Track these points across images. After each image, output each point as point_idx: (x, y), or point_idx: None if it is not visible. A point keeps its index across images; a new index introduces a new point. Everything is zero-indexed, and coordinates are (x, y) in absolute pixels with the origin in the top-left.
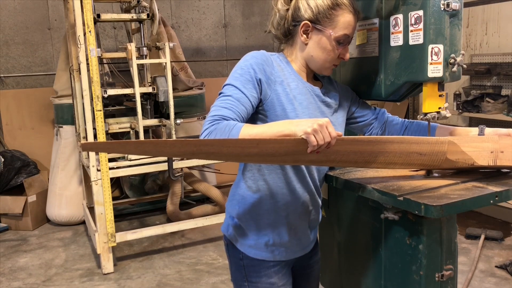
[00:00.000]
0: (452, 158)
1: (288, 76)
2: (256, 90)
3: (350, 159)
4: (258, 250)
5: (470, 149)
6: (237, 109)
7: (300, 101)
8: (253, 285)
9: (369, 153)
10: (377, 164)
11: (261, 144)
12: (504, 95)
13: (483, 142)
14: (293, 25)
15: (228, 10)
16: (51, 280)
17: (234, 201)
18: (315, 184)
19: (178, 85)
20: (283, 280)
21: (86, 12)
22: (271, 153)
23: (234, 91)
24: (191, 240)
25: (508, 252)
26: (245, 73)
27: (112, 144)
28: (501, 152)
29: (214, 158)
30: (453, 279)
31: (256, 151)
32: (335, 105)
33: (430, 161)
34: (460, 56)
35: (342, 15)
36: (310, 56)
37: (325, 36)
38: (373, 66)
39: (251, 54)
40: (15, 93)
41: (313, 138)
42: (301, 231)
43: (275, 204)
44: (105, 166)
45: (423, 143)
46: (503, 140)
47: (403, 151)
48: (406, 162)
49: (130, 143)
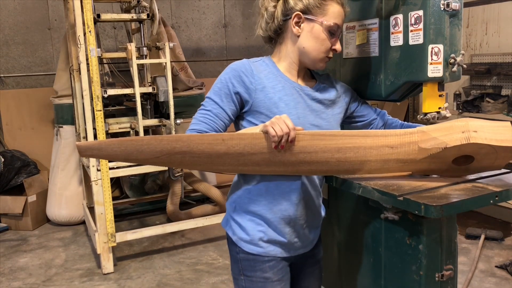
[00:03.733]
0: (425, 146)
1: (272, 79)
2: (235, 103)
3: (321, 159)
4: (253, 245)
5: (441, 134)
6: (215, 124)
7: (286, 102)
8: (248, 279)
9: (337, 150)
10: (351, 164)
11: (226, 140)
12: (504, 95)
13: (452, 126)
14: (283, 20)
15: (228, 10)
16: (51, 280)
17: (232, 197)
18: (312, 183)
19: (178, 85)
20: (278, 275)
21: (86, 12)
22: (238, 151)
23: (213, 106)
24: (191, 240)
25: (508, 252)
26: (224, 87)
27: (100, 143)
28: (474, 132)
29: (190, 161)
30: (453, 279)
31: (224, 148)
32: (329, 101)
33: (405, 154)
34: (460, 56)
35: (331, 5)
36: (302, 48)
37: (317, 24)
38: (373, 66)
39: (232, 66)
40: (15, 93)
41: (271, 129)
42: (298, 230)
43: (270, 202)
44: (105, 166)
45: (390, 135)
46: (475, 122)
47: (372, 145)
48: (379, 158)
49: (114, 142)
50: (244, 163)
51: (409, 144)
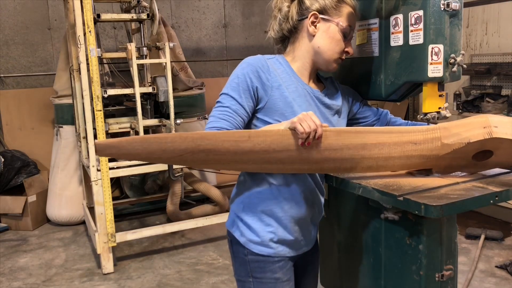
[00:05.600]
0: (448, 141)
1: (287, 79)
2: (253, 99)
3: (346, 156)
4: (263, 246)
5: (462, 130)
6: (235, 120)
7: (299, 104)
8: (258, 281)
9: (362, 147)
10: (375, 160)
11: (252, 136)
12: (504, 95)
13: (473, 122)
14: (298, 20)
15: (228, 10)
16: (51, 280)
17: (239, 197)
18: (316, 181)
19: (178, 85)
20: (287, 275)
21: (86, 12)
22: (264, 149)
23: (231, 102)
24: (191, 240)
25: (508, 252)
26: (242, 82)
27: (121, 141)
28: (495, 127)
29: (214, 160)
30: (453, 279)
31: (250, 145)
32: (337, 107)
33: (428, 150)
34: (460, 56)
35: (345, 7)
36: (318, 47)
37: (333, 25)
38: (373, 66)
39: (248, 61)
40: (15, 93)
41: (299, 126)
42: (305, 228)
43: (281, 201)
44: (105, 166)
45: (414, 132)
46: (493, 118)
47: (396, 142)
48: (403, 154)
49: (136, 140)
50: (268, 161)
51: (432, 140)
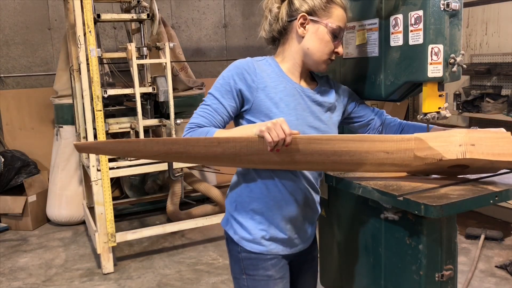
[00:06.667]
0: (421, 155)
1: (275, 79)
2: (235, 100)
3: (317, 160)
4: (255, 243)
5: (438, 144)
6: (213, 118)
7: (287, 103)
8: (251, 278)
9: (332, 153)
10: (347, 165)
11: (222, 143)
12: (504, 95)
13: (450, 136)
14: (288, 21)
15: (228, 10)
16: (51, 280)
17: (232, 196)
18: (308, 181)
19: (178, 85)
20: (280, 273)
21: (86, 12)
22: (234, 152)
23: (213, 101)
24: (191, 240)
25: (508, 252)
26: (225, 84)
27: (98, 143)
28: (472, 145)
29: (187, 160)
30: (453, 279)
31: (220, 150)
32: (329, 104)
33: (400, 160)
34: (460, 56)
35: (335, 8)
36: (307, 49)
37: (322, 26)
38: (373, 66)
39: (236, 63)
40: (15, 93)
41: (267, 135)
42: (299, 226)
43: (271, 200)
44: (105, 166)
45: (387, 141)
46: (474, 134)
47: (367, 150)
48: (376, 162)
49: (111, 142)
50: (240, 161)
51: (405, 151)
